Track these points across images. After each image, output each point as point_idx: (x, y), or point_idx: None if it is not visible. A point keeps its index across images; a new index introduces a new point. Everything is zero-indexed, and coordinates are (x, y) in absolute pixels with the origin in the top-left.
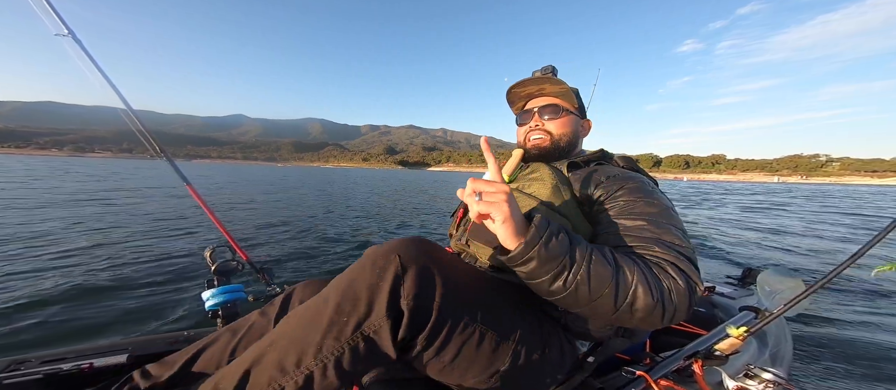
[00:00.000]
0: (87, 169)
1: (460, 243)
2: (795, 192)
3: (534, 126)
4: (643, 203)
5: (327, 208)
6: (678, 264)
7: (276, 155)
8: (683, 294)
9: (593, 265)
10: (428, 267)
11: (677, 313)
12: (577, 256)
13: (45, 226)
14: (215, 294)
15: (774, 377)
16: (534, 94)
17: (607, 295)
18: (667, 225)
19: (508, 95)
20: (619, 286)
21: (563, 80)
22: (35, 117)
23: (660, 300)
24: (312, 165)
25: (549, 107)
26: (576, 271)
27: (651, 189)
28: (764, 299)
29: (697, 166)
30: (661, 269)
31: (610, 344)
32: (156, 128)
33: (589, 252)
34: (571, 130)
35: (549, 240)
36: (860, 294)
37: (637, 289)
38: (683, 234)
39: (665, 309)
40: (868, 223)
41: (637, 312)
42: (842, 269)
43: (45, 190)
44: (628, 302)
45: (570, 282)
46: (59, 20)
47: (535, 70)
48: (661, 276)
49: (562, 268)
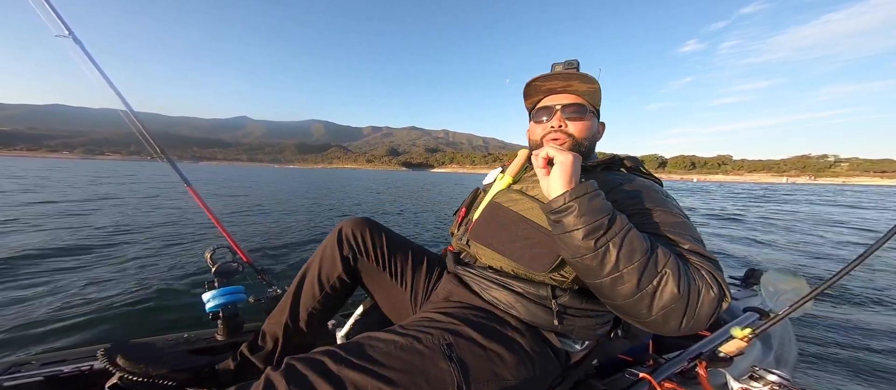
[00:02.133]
0: (99, 170)
1: (461, 242)
2: (808, 193)
3: (555, 126)
4: (661, 212)
5: (330, 209)
6: (713, 273)
7: (280, 156)
8: (712, 301)
9: (629, 235)
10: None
11: (697, 319)
12: (616, 221)
13: (53, 228)
14: (216, 295)
15: (780, 379)
16: (557, 90)
17: (633, 271)
18: (690, 237)
19: (527, 88)
20: (648, 264)
21: (593, 77)
22: (44, 120)
23: (686, 295)
24: (317, 167)
25: (574, 106)
26: (610, 235)
27: (664, 196)
28: (768, 300)
29: (703, 167)
30: (696, 270)
31: (612, 346)
32: (162, 130)
33: (628, 225)
34: (592, 134)
35: (595, 198)
36: (866, 296)
37: (667, 275)
38: (704, 246)
39: (688, 306)
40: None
41: (658, 301)
42: (848, 271)
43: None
44: (653, 286)
45: (602, 243)
46: (59, 21)
47: (555, 63)
48: (696, 276)
49: (598, 226)
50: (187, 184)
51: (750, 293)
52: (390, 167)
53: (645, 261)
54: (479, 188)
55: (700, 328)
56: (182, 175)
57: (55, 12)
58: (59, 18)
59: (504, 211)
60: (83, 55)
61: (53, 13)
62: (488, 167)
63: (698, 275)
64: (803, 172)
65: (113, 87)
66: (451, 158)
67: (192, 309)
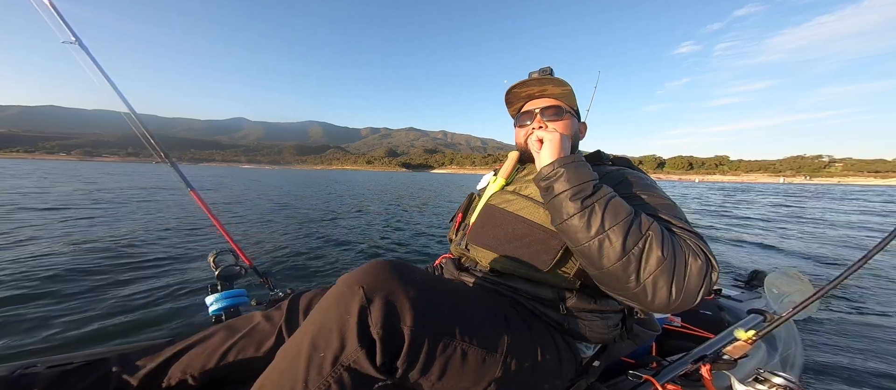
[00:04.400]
0: (103, 171)
1: (460, 247)
2: (805, 192)
3: (535, 127)
4: (647, 196)
5: (335, 211)
6: (698, 244)
7: (278, 158)
8: (700, 270)
9: (614, 200)
10: (393, 292)
11: (687, 290)
12: (601, 187)
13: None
14: (218, 299)
15: (786, 381)
16: (535, 95)
17: (618, 230)
18: (676, 217)
19: (508, 96)
20: (632, 225)
21: (565, 81)
22: (39, 121)
23: (672, 259)
24: (316, 168)
25: (551, 108)
26: (596, 197)
27: (651, 182)
28: (772, 302)
29: (701, 167)
30: (681, 239)
31: (615, 348)
32: (158, 132)
33: (614, 193)
34: (572, 133)
35: (581, 166)
36: (871, 297)
37: (650, 237)
38: (690, 225)
39: (675, 272)
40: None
41: (645, 266)
42: (852, 272)
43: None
44: (639, 249)
45: (588, 203)
46: (67, 28)
47: (531, 71)
48: (681, 244)
49: (583, 188)
50: (190, 188)
51: (754, 295)
52: (390, 168)
53: (628, 221)
54: (474, 193)
55: (692, 301)
56: (184, 178)
57: (63, 20)
58: (67, 25)
59: (500, 212)
60: (89, 60)
61: (61, 21)
62: (489, 167)
63: (684, 244)
64: (799, 173)
65: (118, 91)
66: (451, 159)
67: (195, 312)
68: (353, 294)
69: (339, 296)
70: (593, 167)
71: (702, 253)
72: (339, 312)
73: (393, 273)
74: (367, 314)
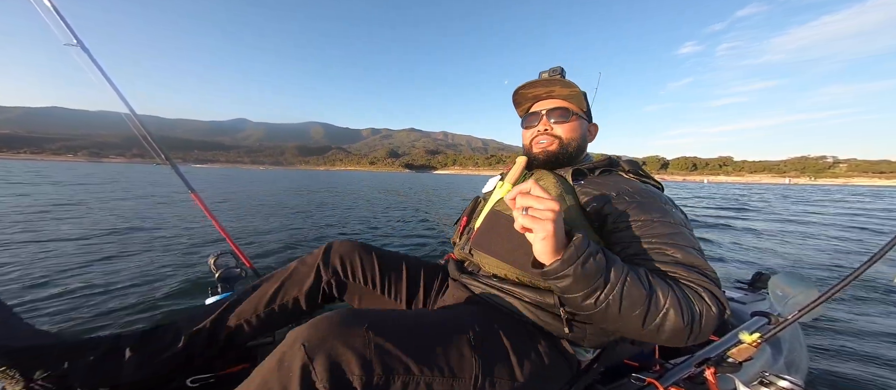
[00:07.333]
0: (110, 174)
1: (463, 252)
2: (816, 193)
3: (542, 130)
4: (660, 223)
5: (336, 211)
6: (711, 290)
7: (281, 159)
8: (714, 320)
9: (627, 287)
10: (336, 346)
11: (701, 336)
12: (611, 277)
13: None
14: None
15: (791, 385)
16: (542, 97)
17: (637, 317)
18: (688, 247)
19: (515, 97)
20: (650, 309)
21: (573, 82)
22: (42, 123)
23: (690, 324)
24: (319, 169)
25: (557, 110)
26: (609, 292)
27: (664, 203)
28: (776, 304)
29: (705, 168)
30: (695, 294)
31: (617, 350)
32: (160, 133)
33: (624, 274)
34: (580, 135)
35: (587, 261)
36: (878, 299)
37: (668, 313)
38: (703, 255)
39: (692, 331)
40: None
41: (664, 333)
42: (858, 274)
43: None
44: (657, 324)
45: (602, 301)
46: (68, 30)
47: (542, 71)
48: (695, 301)
49: (595, 288)
50: (191, 191)
51: (758, 296)
52: (393, 169)
53: (646, 307)
54: (479, 197)
55: (703, 340)
56: (185, 181)
57: (65, 22)
58: (69, 28)
59: (505, 219)
60: (90, 62)
61: (63, 23)
62: (491, 168)
63: (697, 297)
64: (803, 173)
65: (118, 92)
66: (454, 160)
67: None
68: (295, 355)
69: (281, 357)
70: (607, 176)
71: (715, 300)
72: (280, 375)
73: (340, 325)
74: (310, 371)
